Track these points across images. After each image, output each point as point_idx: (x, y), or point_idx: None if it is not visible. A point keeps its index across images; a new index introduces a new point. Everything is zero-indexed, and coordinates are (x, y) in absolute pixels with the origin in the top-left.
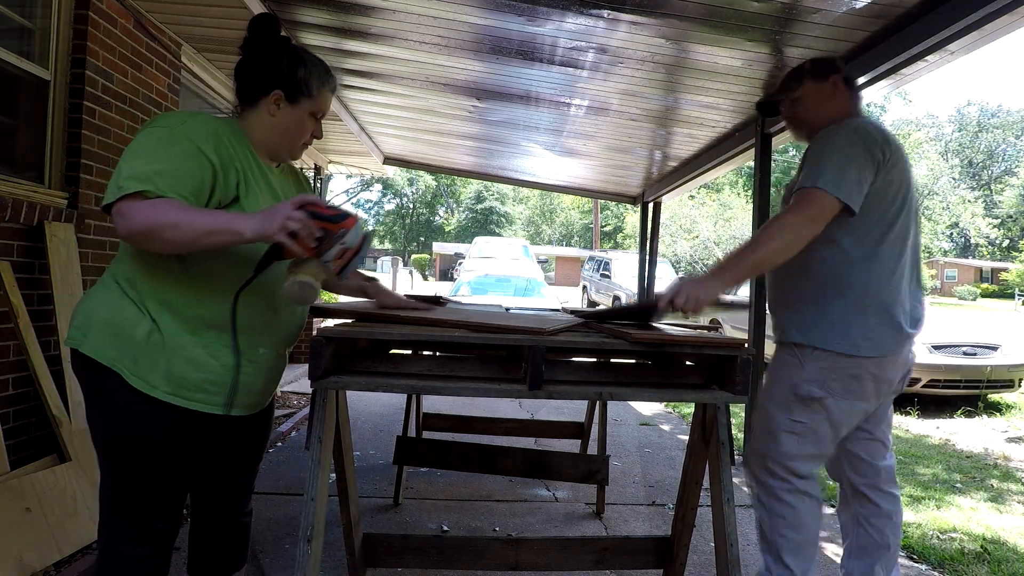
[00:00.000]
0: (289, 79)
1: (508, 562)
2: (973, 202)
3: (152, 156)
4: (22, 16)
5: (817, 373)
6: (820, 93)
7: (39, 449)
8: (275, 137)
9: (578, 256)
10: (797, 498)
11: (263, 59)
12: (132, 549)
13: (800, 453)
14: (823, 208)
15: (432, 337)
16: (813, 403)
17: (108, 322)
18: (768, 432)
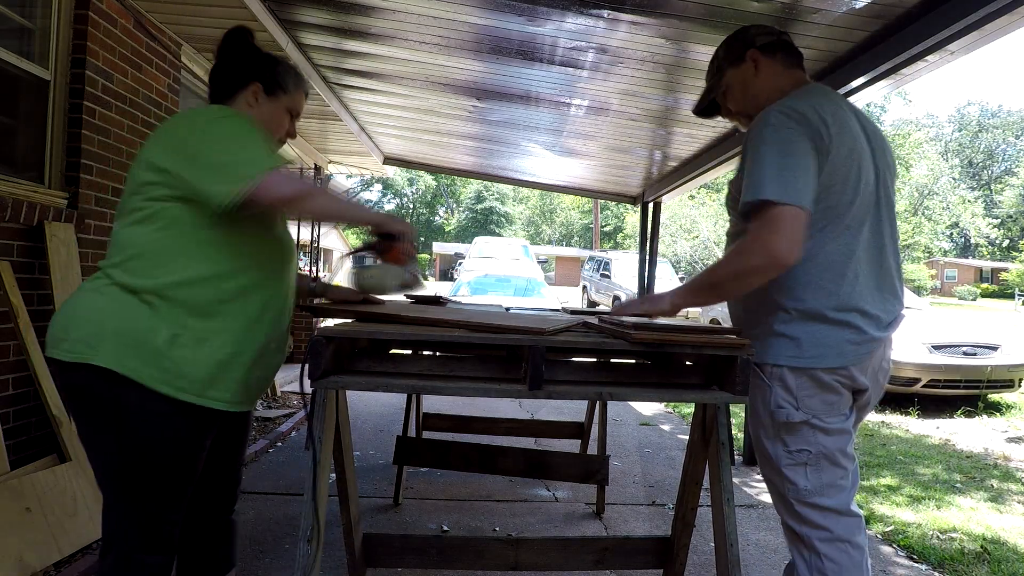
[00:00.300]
0: (267, 73)
1: (508, 562)
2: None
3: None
4: (22, 16)
5: (786, 394)
6: (743, 76)
7: (39, 449)
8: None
9: (578, 256)
10: (839, 549)
11: (240, 57)
12: (151, 556)
13: (820, 484)
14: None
15: (432, 337)
16: (801, 427)
17: (124, 331)
18: (775, 472)
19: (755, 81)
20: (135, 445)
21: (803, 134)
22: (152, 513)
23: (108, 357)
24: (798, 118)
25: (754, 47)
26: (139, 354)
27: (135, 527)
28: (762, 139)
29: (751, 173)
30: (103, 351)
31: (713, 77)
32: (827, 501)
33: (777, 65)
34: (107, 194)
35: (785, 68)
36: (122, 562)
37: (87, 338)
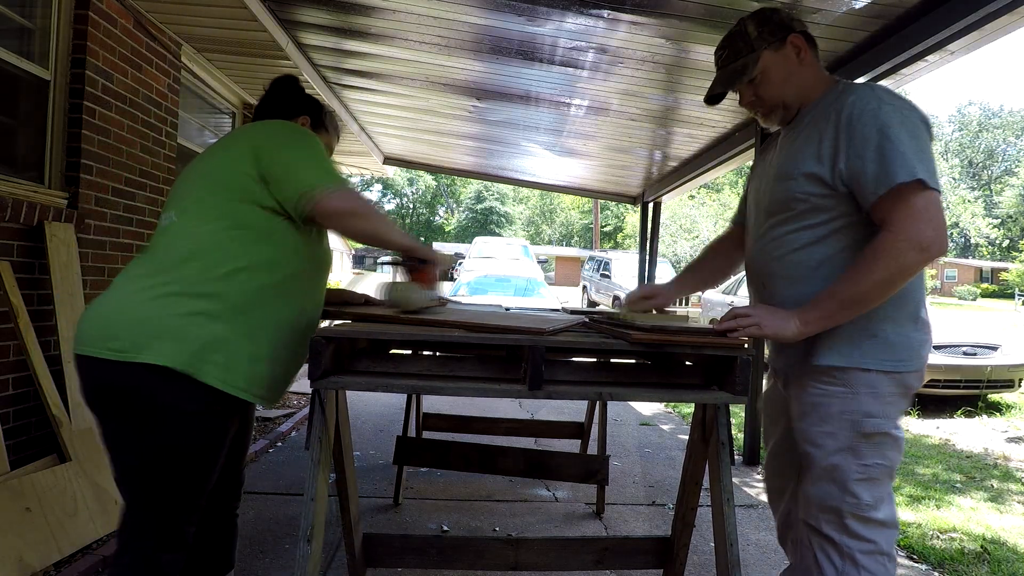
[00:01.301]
0: (314, 110)
1: (508, 562)
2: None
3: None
4: (22, 16)
5: (876, 401)
6: (785, 62)
7: (39, 449)
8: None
9: (578, 256)
10: (878, 562)
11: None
12: (169, 555)
13: (879, 497)
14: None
15: (432, 337)
16: (881, 437)
17: (173, 326)
18: (836, 484)
19: (799, 70)
20: (172, 443)
21: (920, 119)
22: (174, 513)
23: (159, 353)
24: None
25: (796, 32)
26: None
27: (155, 527)
28: (888, 118)
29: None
30: (153, 347)
31: (743, 57)
32: (878, 514)
33: (815, 58)
34: (107, 194)
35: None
36: (139, 562)
37: (133, 335)
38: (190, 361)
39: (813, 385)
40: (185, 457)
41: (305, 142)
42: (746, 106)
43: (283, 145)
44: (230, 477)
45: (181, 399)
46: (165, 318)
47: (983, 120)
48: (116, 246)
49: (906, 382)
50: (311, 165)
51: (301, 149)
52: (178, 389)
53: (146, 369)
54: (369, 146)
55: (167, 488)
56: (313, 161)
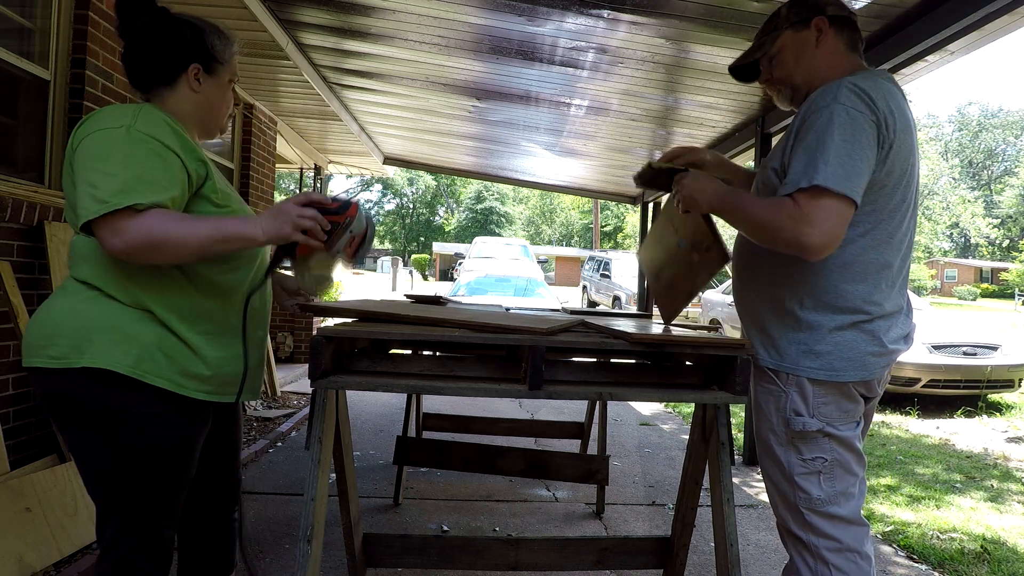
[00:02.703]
0: (201, 50)
1: (508, 562)
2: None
3: (124, 163)
4: (22, 16)
5: (805, 402)
6: (802, 43)
7: (39, 449)
8: (203, 114)
9: (578, 256)
10: (848, 560)
11: (161, 35)
12: (148, 562)
13: (833, 493)
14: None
15: (432, 337)
16: (816, 436)
17: (112, 329)
18: (787, 480)
19: (814, 52)
20: (133, 449)
21: (872, 122)
22: (148, 518)
23: (100, 357)
24: (868, 103)
25: (823, 15)
26: (132, 349)
27: (131, 534)
28: (829, 118)
29: (810, 152)
30: (92, 351)
31: (767, 35)
32: (838, 510)
33: (840, 43)
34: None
35: (847, 49)
36: (119, 568)
37: (73, 342)
38: (134, 364)
39: (759, 383)
40: (147, 461)
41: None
42: (763, 83)
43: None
44: (223, 478)
45: (136, 399)
46: (93, 320)
47: (983, 120)
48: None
49: (843, 389)
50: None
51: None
52: (129, 391)
53: (82, 375)
54: (369, 146)
55: (134, 493)
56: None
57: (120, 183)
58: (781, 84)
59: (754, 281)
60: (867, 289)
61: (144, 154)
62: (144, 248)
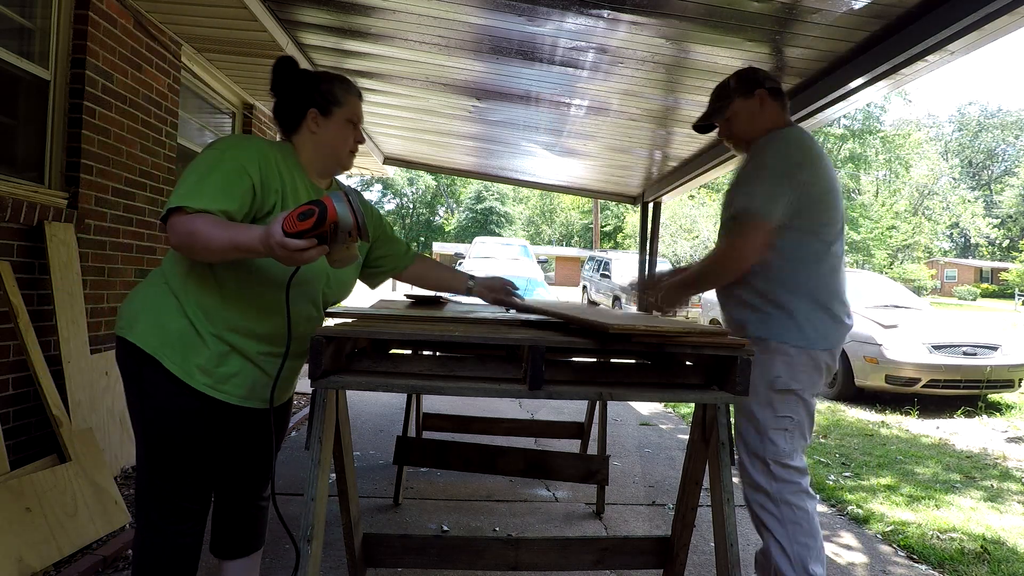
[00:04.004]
0: (317, 96)
1: (508, 562)
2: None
3: (201, 175)
4: (22, 16)
5: (787, 367)
6: (749, 109)
7: (39, 449)
8: (322, 151)
9: (578, 256)
10: (804, 499)
11: (291, 89)
12: (169, 525)
13: (794, 448)
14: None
15: (432, 337)
16: (790, 395)
17: (152, 314)
18: (758, 433)
19: (759, 115)
20: (150, 418)
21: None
22: (168, 486)
23: (138, 335)
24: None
25: (763, 87)
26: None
27: (154, 497)
28: (762, 161)
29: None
30: (137, 329)
31: (720, 100)
32: (794, 462)
33: (776, 107)
34: (107, 194)
35: (780, 110)
36: (147, 528)
37: (130, 317)
38: (157, 346)
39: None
40: (162, 429)
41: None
42: (722, 136)
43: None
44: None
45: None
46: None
47: (983, 120)
48: (116, 246)
49: (816, 358)
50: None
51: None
52: (153, 369)
53: (129, 347)
54: (369, 146)
55: (156, 456)
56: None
57: (186, 190)
58: (736, 138)
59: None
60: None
61: (223, 172)
62: (183, 243)
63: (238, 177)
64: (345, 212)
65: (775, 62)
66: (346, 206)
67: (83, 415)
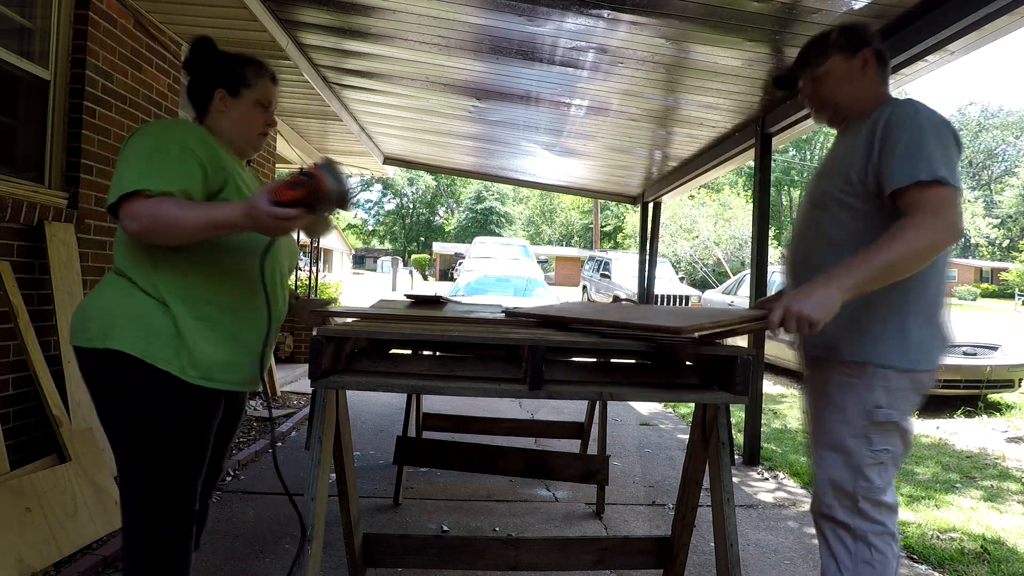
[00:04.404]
0: (226, 76)
1: (508, 562)
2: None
3: (148, 158)
4: (22, 16)
5: (888, 394)
6: (848, 70)
7: (39, 449)
8: (233, 132)
9: (578, 256)
10: (887, 542)
11: (201, 69)
12: (169, 528)
13: (886, 482)
14: (957, 208)
15: (432, 337)
16: (890, 426)
17: (134, 316)
18: (851, 469)
19: (859, 79)
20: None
21: (951, 132)
22: (166, 492)
23: (122, 340)
24: (942, 117)
25: (871, 47)
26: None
27: (152, 501)
28: (920, 121)
29: (912, 153)
30: (116, 335)
31: (816, 56)
32: (888, 498)
33: (879, 75)
34: (107, 194)
35: (882, 82)
36: (139, 531)
37: (101, 325)
38: (146, 349)
39: (833, 377)
40: (158, 436)
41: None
42: (804, 99)
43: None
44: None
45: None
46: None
47: (983, 120)
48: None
49: (919, 380)
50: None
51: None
52: (144, 373)
53: (106, 355)
54: (369, 146)
55: (148, 464)
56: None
57: (138, 173)
58: (822, 103)
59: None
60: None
61: (166, 153)
62: (148, 229)
63: (187, 157)
64: (332, 181)
65: (775, 62)
66: (332, 177)
67: (83, 415)
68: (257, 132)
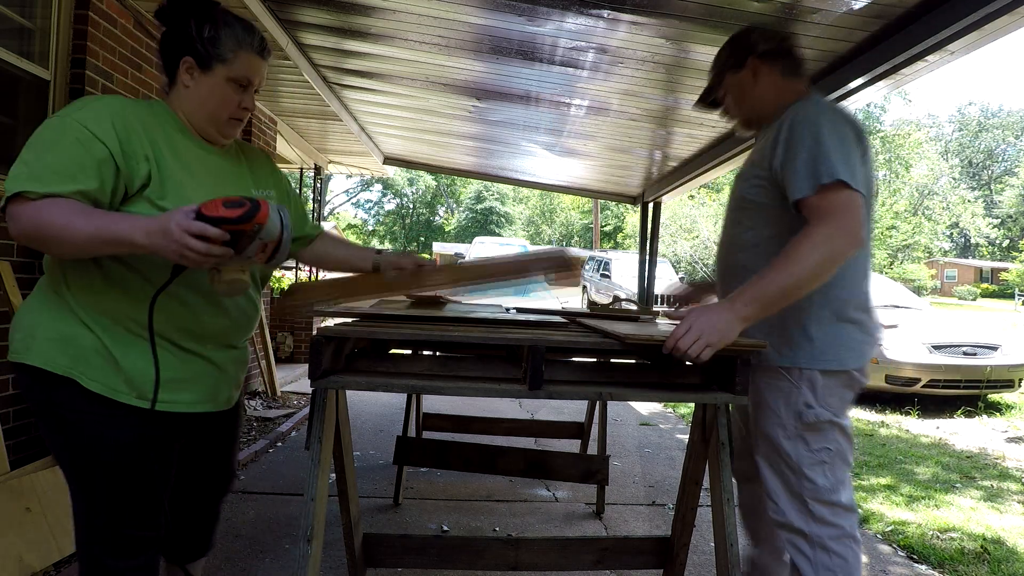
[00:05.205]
0: (197, 43)
1: (508, 562)
2: (973, 202)
3: (42, 150)
4: (22, 16)
5: (816, 395)
6: (740, 83)
7: (39, 449)
8: (196, 111)
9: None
10: (846, 546)
11: (174, 25)
12: (121, 561)
13: (836, 481)
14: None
15: (432, 337)
16: (824, 425)
17: (53, 331)
18: (793, 471)
19: (753, 90)
20: (80, 447)
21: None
22: (112, 520)
23: (40, 356)
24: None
25: (754, 54)
26: (68, 351)
27: (97, 532)
28: (819, 124)
29: (814, 155)
30: (35, 350)
31: (714, 78)
32: (839, 498)
33: (776, 75)
34: None
35: (784, 77)
36: (89, 564)
37: (24, 338)
38: (69, 365)
39: (763, 381)
40: (93, 461)
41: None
42: (723, 116)
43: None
44: (213, 477)
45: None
46: (41, 321)
47: (983, 120)
48: None
49: (848, 378)
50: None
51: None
52: (69, 392)
53: (33, 374)
54: (369, 146)
55: (89, 490)
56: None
57: (26, 171)
58: (736, 115)
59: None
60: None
61: (67, 143)
62: (31, 237)
63: (88, 146)
64: (275, 222)
65: None
66: (278, 218)
67: None
68: (228, 115)
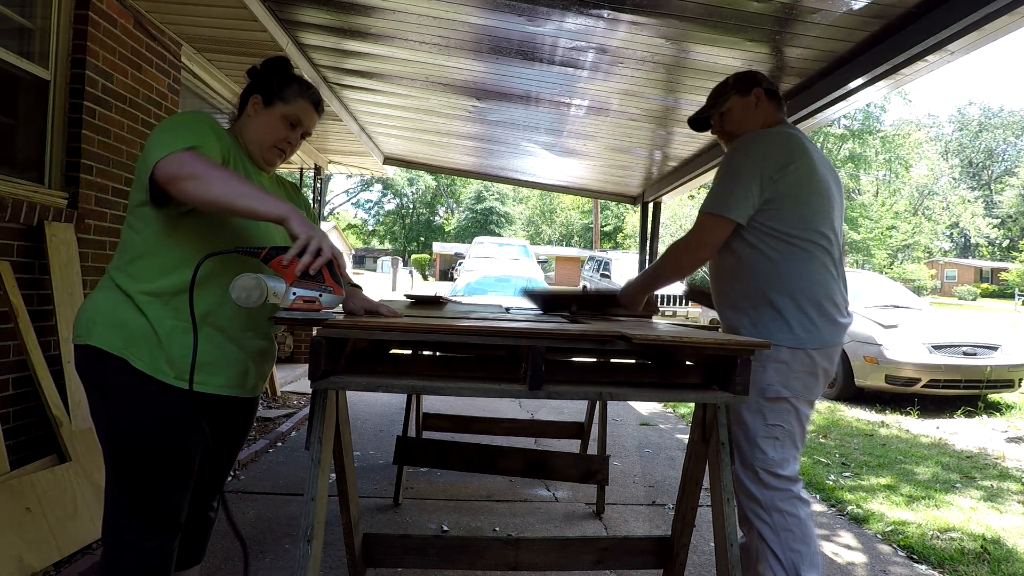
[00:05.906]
0: (268, 86)
1: (508, 562)
2: (973, 202)
3: (181, 132)
4: (22, 16)
5: (779, 373)
6: (744, 106)
7: (39, 449)
8: (251, 138)
9: (578, 256)
10: (797, 506)
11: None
12: (147, 542)
13: (784, 457)
14: (712, 230)
15: (432, 337)
16: (782, 403)
17: (110, 315)
18: (748, 441)
19: (754, 112)
20: (121, 424)
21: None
22: (144, 498)
23: (99, 337)
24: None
25: (760, 87)
26: (122, 333)
27: (129, 510)
28: (728, 161)
29: (718, 180)
30: (96, 332)
31: (719, 97)
32: (784, 471)
33: (770, 108)
34: (107, 194)
35: (774, 111)
36: (115, 543)
37: (86, 323)
38: (122, 345)
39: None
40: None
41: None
42: (715, 132)
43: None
44: (210, 475)
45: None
46: (101, 306)
47: (983, 120)
48: (116, 246)
49: (811, 359)
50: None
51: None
52: (119, 370)
53: (90, 352)
54: (369, 146)
55: (127, 466)
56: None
57: (183, 139)
58: (729, 135)
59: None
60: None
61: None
62: (178, 170)
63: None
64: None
65: (775, 62)
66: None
67: (83, 415)
68: (270, 143)
